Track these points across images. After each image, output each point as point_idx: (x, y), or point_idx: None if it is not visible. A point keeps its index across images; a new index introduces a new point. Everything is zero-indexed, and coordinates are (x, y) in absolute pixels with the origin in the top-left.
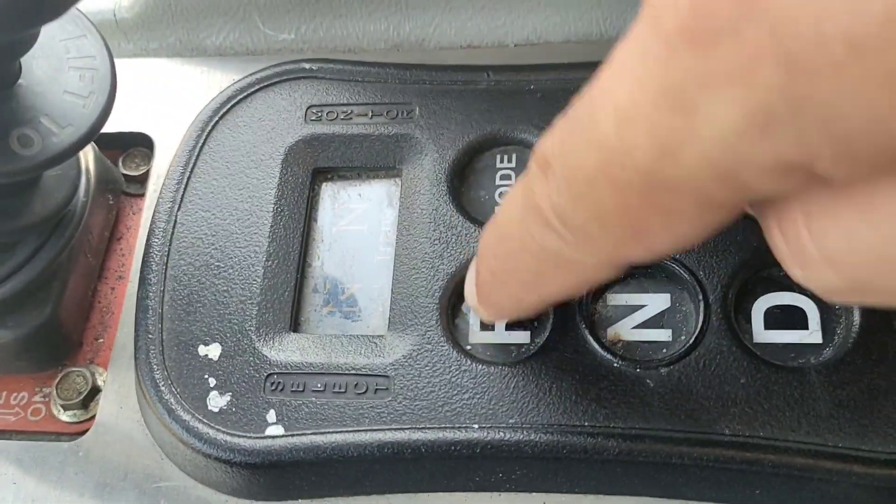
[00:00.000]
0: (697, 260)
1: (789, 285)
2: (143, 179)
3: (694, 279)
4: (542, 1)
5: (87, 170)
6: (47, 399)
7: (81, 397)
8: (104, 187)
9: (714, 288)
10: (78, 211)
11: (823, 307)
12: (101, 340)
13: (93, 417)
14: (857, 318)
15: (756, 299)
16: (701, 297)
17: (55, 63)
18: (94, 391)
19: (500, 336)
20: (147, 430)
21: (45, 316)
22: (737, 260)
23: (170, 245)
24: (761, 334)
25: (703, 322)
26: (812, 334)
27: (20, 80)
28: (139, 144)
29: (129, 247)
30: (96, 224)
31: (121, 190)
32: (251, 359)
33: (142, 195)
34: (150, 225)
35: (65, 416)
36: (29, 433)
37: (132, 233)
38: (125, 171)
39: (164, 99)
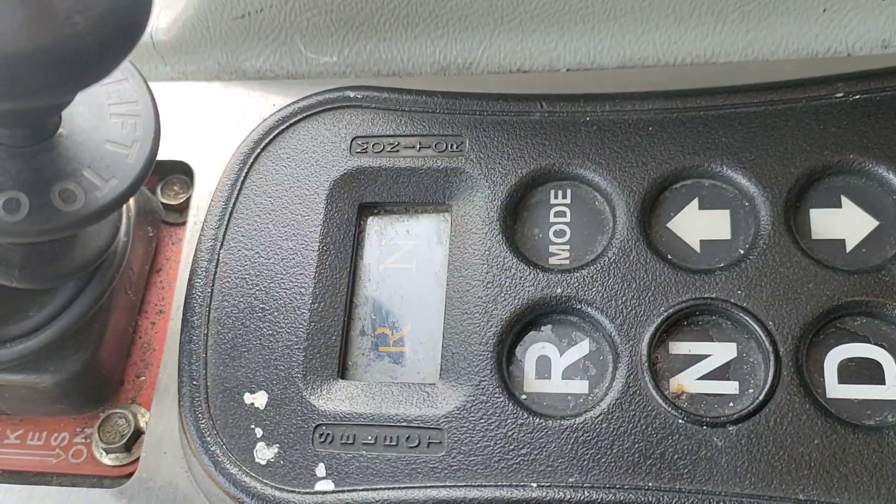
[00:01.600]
0: (765, 308)
1: (864, 336)
2: (182, 208)
3: (762, 328)
4: (594, 25)
5: (128, 206)
6: (89, 441)
7: (124, 440)
8: (144, 219)
9: (784, 339)
10: (119, 251)
11: None
12: (143, 378)
13: (136, 460)
14: None
15: (828, 351)
16: (770, 347)
17: (96, 110)
18: (137, 433)
19: (557, 385)
20: (192, 477)
21: (86, 359)
22: (807, 309)
23: (213, 286)
24: (835, 389)
25: (774, 376)
26: (889, 390)
27: (60, 130)
28: (178, 171)
29: (169, 279)
30: (136, 258)
31: (160, 220)
32: (298, 408)
33: (182, 224)
34: (192, 264)
35: (107, 460)
36: (70, 476)
37: (172, 264)
38: (164, 200)
39: (202, 124)
